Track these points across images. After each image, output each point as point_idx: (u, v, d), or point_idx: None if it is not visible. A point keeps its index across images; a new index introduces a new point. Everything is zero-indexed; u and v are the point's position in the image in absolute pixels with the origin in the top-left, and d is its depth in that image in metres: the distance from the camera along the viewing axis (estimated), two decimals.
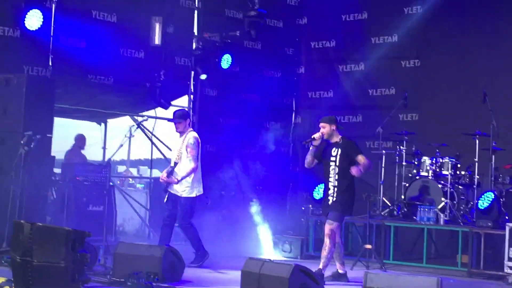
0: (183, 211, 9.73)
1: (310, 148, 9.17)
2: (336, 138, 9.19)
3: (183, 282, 8.34)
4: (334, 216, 9.05)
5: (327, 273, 9.10)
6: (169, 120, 10.38)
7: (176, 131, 9.90)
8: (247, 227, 12.17)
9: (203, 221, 12.18)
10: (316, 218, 12.32)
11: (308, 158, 9.24)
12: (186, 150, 9.71)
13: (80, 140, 13.00)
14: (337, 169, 9.05)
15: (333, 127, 9.16)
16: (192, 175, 9.75)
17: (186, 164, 9.73)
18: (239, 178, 13.03)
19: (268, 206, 12.75)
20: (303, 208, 12.79)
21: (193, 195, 9.80)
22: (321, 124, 9.21)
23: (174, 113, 10.16)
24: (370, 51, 13.92)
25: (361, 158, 8.99)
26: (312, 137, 9.09)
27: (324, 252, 9.04)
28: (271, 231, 12.28)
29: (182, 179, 9.67)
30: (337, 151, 9.09)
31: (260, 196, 13.06)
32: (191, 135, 9.83)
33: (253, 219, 12.28)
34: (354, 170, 8.91)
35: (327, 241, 9.04)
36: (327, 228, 9.05)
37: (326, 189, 9.25)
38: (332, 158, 9.10)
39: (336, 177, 9.06)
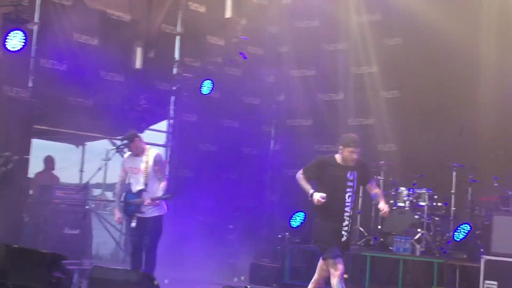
0: (155, 231, 9.39)
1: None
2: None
3: None
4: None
5: None
6: (145, 143, 10.02)
7: (134, 153, 9.54)
8: (225, 254, 12.17)
9: (180, 248, 12.23)
10: (293, 246, 12.39)
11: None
12: (154, 168, 9.38)
13: (50, 162, 12.84)
14: (354, 196, 7.91)
15: None
16: None
17: (157, 183, 9.37)
18: (217, 204, 13.06)
19: (245, 233, 12.78)
20: (279, 236, 12.81)
21: (162, 213, 9.48)
22: (359, 150, 7.91)
23: (124, 138, 9.69)
24: (350, 80, 14.03)
25: (374, 185, 8.18)
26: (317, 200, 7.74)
27: None
28: (248, 258, 12.33)
29: (160, 198, 9.29)
30: (354, 174, 7.92)
31: (238, 222, 13.10)
32: (154, 152, 9.58)
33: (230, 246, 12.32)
34: (386, 210, 7.96)
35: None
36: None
37: (336, 220, 7.85)
38: (350, 184, 7.88)
39: (352, 205, 7.91)
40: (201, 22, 13.52)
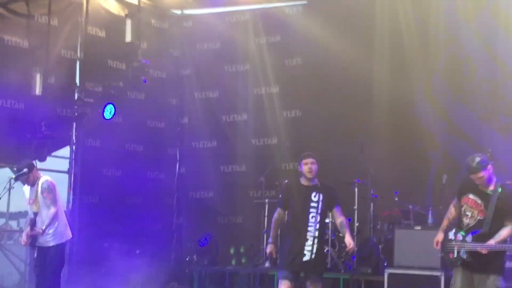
0: (54, 261, 9.11)
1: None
2: (316, 181, 8.24)
3: None
4: (321, 279, 8.13)
5: None
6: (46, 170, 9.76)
7: (30, 184, 9.23)
8: (133, 280, 12.02)
9: (86, 274, 12.01)
10: (201, 268, 12.38)
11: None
12: (43, 196, 9.07)
13: None
14: (318, 217, 8.05)
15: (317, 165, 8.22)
16: (56, 221, 9.14)
17: (46, 212, 9.06)
18: (123, 229, 12.91)
19: (153, 258, 12.65)
20: (187, 258, 12.76)
21: (61, 241, 9.21)
22: (312, 160, 8.19)
23: (20, 168, 9.23)
24: (252, 101, 14.15)
25: (340, 212, 8.23)
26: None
27: None
28: (157, 283, 12.23)
29: (46, 228, 8.98)
30: (319, 196, 8.12)
31: (145, 248, 12.97)
32: (43, 180, 9.22)
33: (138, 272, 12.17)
34: (351, 244, 8.03)
35: None
36: None
37: (296, 238, 8.03)
38: (313, 204, 8.06)
39: (317, 226, 8.01)
40: (102, 47, 13.41)
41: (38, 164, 12.30)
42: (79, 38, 13.31)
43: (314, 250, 7.99)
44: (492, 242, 7.22)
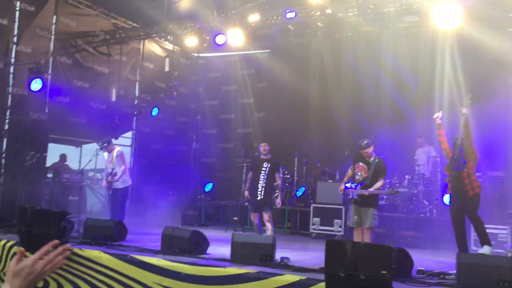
0: (121, 198, 9.21)
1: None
2: (268, 155, 8.47)
3: (126, 241, 8.08)
4: (269, 208, 8.25)
5: None
6: (118, 144, 9.73)
7: (108, 151, 9.41)
8: (167, 208, 12.00)
9: (140, 206, 11.98)
10: (206, 202, 12.39)
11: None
12: (116, 159, 9.25)
13: (63, 157, 12.34)
14: (266, 176, 8.34)
15: (268, 147, 8.52)
16: (124, 174, 9.29)
17: (118, 168, 9.22)
18: (163, 180, 12.87)
19: (178, 196, 12.65)
20: (199, 196, 12.77)
21: (126, 185, 9.31)
22: (265, 143, 8.55)
23: (103, 142, 9.46)
24: (237, 107, 14.04)
25: (279, 177, 8.53)
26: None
27: (269, 232, 8.03)
28: (180, 210, 12.22)
29: (120, 177, 9.16)
30: (268, 165, 8.36)
31: (174, 189, 12.96)
32: (117, 149, 9.39)
33: (170, 203, 12.14)
34: (279, 204, 8.69)
35: (268, 225, 8.08)
36: (267, 216, 8.12)
37: (254, 187, 8.35)
38: (264, 169, 8.34)
39: (265, 181, 8.32)
40: (151, 73, 13.32)
41: (113, 141, 12.27)
42: (138, 68, 13.22)
43: (263, 193, 8.29)
44: (371, 189, 7.34)
